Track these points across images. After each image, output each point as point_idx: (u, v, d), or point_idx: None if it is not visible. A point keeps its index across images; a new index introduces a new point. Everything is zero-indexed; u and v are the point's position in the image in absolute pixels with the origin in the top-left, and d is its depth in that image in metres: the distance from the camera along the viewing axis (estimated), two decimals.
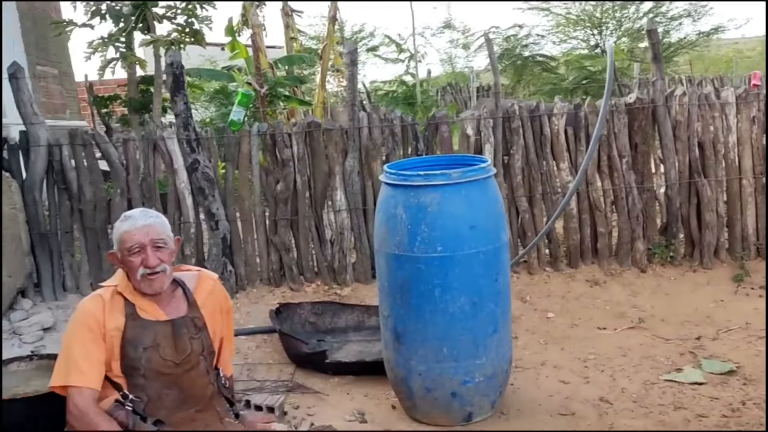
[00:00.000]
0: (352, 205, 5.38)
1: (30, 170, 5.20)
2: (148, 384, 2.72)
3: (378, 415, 3.82)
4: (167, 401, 2.77)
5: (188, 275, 2.94)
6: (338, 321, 4.86)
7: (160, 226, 2.73)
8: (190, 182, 5.27)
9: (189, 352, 2.77)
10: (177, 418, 2.76)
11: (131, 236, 2.67)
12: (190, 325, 2.80)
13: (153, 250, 2.67)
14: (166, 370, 2.74)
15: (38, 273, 5.29)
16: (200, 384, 2.83)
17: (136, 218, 2.71)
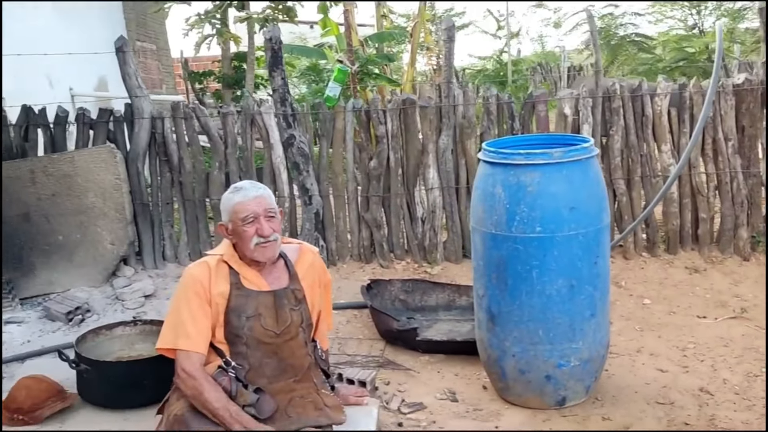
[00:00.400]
0: (445, 183, 5.35)
1: (134, 142, 5.38)
2: (249, 352, 2.80)
3: (469, 394, 3.80)
4: (267, 370, 2.83)
5: (290, 248, 2.99)
6: (428, 299, 4.85)
7: (270, 197, 2.81)
8: (286, 157, 5.35)
9: (289, 323, 2.84)
10: (276, 387, 2.82)
11: (245, 206, 2.73)
12: (291, 297, 2.86)
13: (266, 220, 2.75)
14: (267, 339, 2.81)
15: (139, 242, 5.48)
16: (299, 355, 2.88)
17: (247, 189, 2.78)
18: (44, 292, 5.14)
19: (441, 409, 3.65)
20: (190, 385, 2.65)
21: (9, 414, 3.27)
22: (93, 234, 5.19)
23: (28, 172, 5.09)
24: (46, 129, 5.42)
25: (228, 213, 2.79)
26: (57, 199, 5.13)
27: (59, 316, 4.75)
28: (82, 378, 3.38)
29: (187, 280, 2.78)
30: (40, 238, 5.13)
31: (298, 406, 2.82)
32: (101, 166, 5.17)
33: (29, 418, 3.24)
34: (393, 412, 3.61)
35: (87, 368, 3.32)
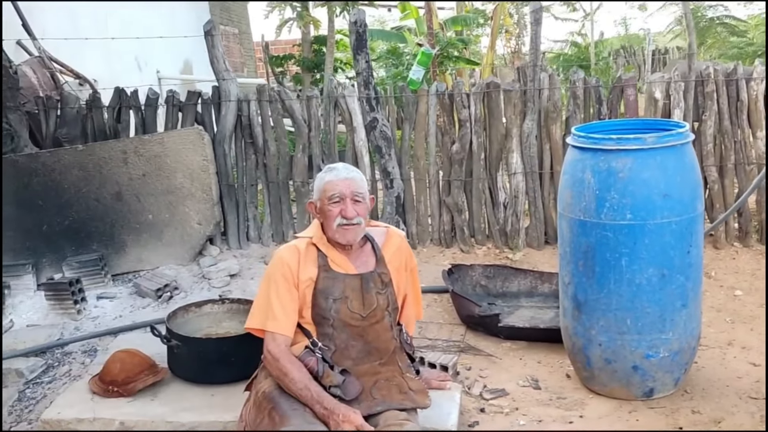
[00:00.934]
0: (528, 168, 5.28)
1: (221, 124, 5.49)
2: (336, 334, 2.83)
3: (552, 382, 3.76)
4: (353, 352, 2.86)
5: (377, 231, 3.00)
6: (510, 285, 4.81)
7: (361, 181, 2.84)
8: (368, 140, 5.37)
9: (375, 306, 2.85)
10: (361, 369, 2.84)
11: (334, 186, 2.78)
12: (377, 280, 2.88)
13: (352, 202, 2.77)
14: (353, 322, 2.83)
15: (225, 222, 5.60)
16: (384, 338, 2.90)
17: (339, 170, 2.83)
18: (134, 269, 5.31)
19: (523, 396, 3.62)
20: (275, 367, 2.72)
21: (104, 386, 3.40)
22: (181, 214, 5.33)
23: (121, 152, 5.26)
24: (137, 110, 5.58)
25: (318, 191, 2.84)
26: (147, 179, 5.28)
27: (149, 293, 4.90)
28: (173, 353, 3.49)
29: (276, 263, 2.84)
30: (131, 217, 5.30)
31: (383, 389, 2.84)
32: (189, 148, 5.30)
33: (123, 390, 3.36)
34: (475, 398, 3.60)
35: (178, 344, 3.43)
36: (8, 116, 5.27)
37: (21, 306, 4.83)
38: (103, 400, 3.35)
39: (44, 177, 5.23)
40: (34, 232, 5.24)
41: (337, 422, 2.57)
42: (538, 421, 3.35)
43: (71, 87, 6.16)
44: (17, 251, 5.22)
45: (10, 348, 4.23)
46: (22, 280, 5.00)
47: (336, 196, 2.77)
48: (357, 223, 2.79)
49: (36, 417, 3.57)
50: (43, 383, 3.96)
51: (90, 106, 5.57)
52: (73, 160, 5.24)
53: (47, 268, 5.22)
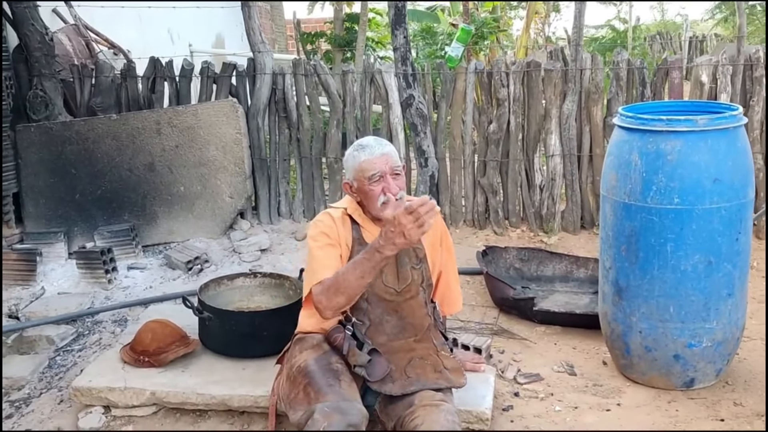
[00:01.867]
0: (567, 150, 5.16)
1: (255, 97, 5.43)
2: (370, 308, 2.77)
3: (587, 369, 3.68)
4: (387, 327, 2.81)
5: None
6: (545, 269, 4.72)
7: (395, 154, 2.75)
8: (404, 118, 5.29)
9: (410, 281, 2.80)
10: (395, 345, 2.79)
11: (372, 164, 2.68)
12: (412, 255, 2.81)
13: (392, 177, 2.70)
14: (388, 296, 2.78)
15: (256, 197, 5.56)
16: (419, 314, 2.84)
17: (372, 147, 2.71)
18: (165, 241, 5.30)
19: (558, 381, 3.54)
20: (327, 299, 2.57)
21: (135, 355, 3.38)
22: (213, 186, 5.29)
23: (154, 123, 5.22)
24: (171, 81, 5.53)
25: (353, 171, 2.74)
26: (180, 151, 5.25)
27: (179, 265, 4.88)
28: (204, 325, 3.46)
29: (317, 224, 2.80)
30: (163, 188, 5.28)
31: (417, 367, 2.78)
32: (223, 120, 5.25)
33: (154, 361, 3.34)
34: (509, 382, 3.53)
35: (210, 316, 3.39)
36: (43, 83, 5.25)
37: (52, 274, 4.83)
38: (134, 370, 3.33)
39: (78, 145, 5.21)
40: (66, 201, 5.23)
41: (401, 231, 2.37)
42: (574, 407, 3.27)
43: (105, 56, 6.13)
44: (50, 219, 5.22)
45: (42, 315, 4.23)
46: (54, 248, 5.01)
47: (376, 174, 2.68)
48: (401, 197, 2.72)
49: (66, 384, 3.57)
50: (74, 351, 3.96)
51: (125, 75, 5.54)
52: (106, 129, 5.21)
53: (79, 236, 5.22)
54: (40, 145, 5.18)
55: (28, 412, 3.37)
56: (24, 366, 3.75)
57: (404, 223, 2.35)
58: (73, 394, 3.24)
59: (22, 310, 4.30)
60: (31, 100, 5.24)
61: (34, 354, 3.93)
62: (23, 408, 3.41)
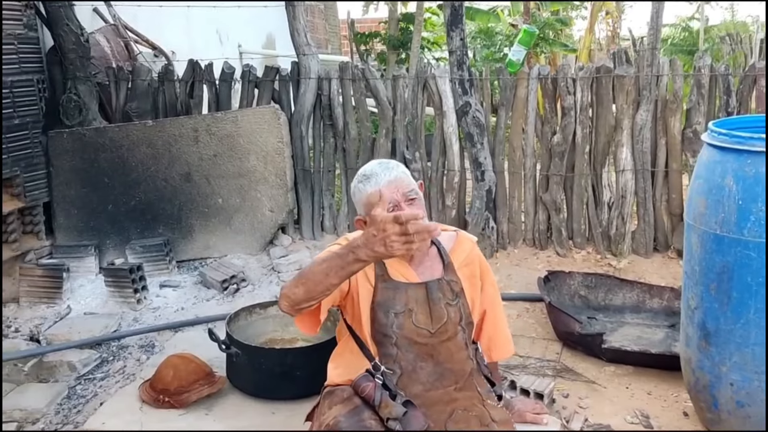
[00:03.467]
0: (639, 165, 4.67)
1: (299, 102, 5.06)
2: (400, 354, 2.38)
3: (666, 420, 3.20)
4: (422, 375, 2.41)
5: (444, 235, 2.57)
6: (614, 298, 4.24)
7: (406, 176, 2.35)
8: (459, 127, 4.87)
9: (445, 320, 2.40)
10: (433, 396, 2.40)
11: (381, 195, 2.28)
12: (446, 289, 2.42)
13: (407, 205, 2.28)
14: (420, 339, 2.38)
15: (299, 210, 5.20)
16: (458, 358, 2.43)
17: (378, 174, 2.31)
18: (200, 257, 4.97)
19: None
20: (289, 286, 2.14)
21: (154, 394, 3.05)
22: (252, 199, 4.95)
23: (192, 130, 4.90)
24: (211, 85, 5.20)
25: (362, 206, 2.35)
26: (218, 160, 4.91)
27: (214, 284, 4.54)
28: (232, 361, 3.11)
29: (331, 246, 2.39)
30: (200, 200, 4.95)
31: (460, 421, 2.37)
32: (264, 128, 4.89)
33: (174, 401, 3.01)
34: None
35: (237, 352, 3.04)
36: (78, 87, 4.98)
37: (80, 290, 4.54)
38: (153, 411, 3.00)
39: (111, 153, 4.92)
40: (98, 212, 4.95)
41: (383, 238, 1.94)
42: None
43: (146, 58, 5.85)
44: (81, 231, 4.95)
45: (65, 338, 3.94)
46: (84, 262, 4.72)
47: (389, 206, 2.26)
48: None
49: (83, 420, 3.26)
50: (96, 379, 3.65)
51: (162, 79, 5.23)
52: (142, 136, 4.91)
53: (111, 250, 4.93)
54: (73, 152, 4.91)
55: None
56: (41, 396, 3.46)
57: (388, 232, 1.91)
58: None
59: (44, 332, 4.01)
60: (65, 105, 4.97)
61: (54, 382, 3.64)
62: None
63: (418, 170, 4.95)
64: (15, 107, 4.48)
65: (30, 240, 4.73)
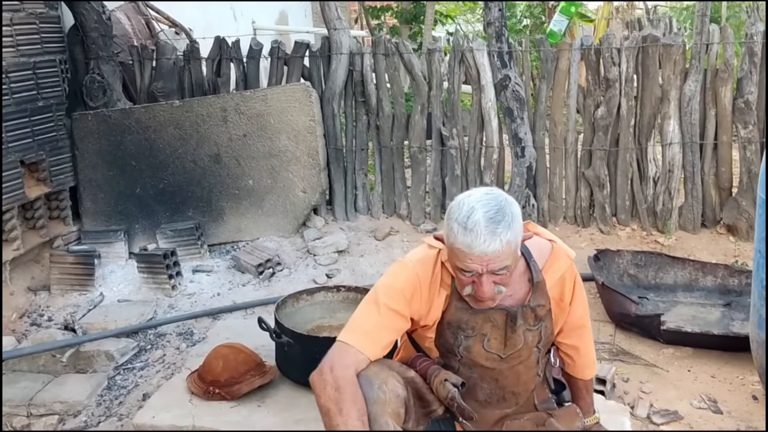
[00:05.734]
0: (687, 137, 4.50)
1: (330, 79, 4.88)
2: (462, 370, 2.19)
3: (734, 405, 3.08)
4: (480, 394, 2.23)
5: (538, 245, 2.20)
6: (665, 276, 4.11)
7: (506, 253, 1.95)
8: (498, 101, 4.69)
9: (521, 346, 2.17)
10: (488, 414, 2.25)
11: (465, 258, 1.96)
12: (530, 316, 2.15)
13: (489, 277, 1.99)
14: (488, 363, 2.18)
15: (331, 190, 5.03)
16: (525, 379, 2.24)
17: (475, 239, 1.92)
18: (232, 240, 4.82)
19: (702, 422, 2.96)
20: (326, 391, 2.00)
21: (204, 386, 2.92)
22: (284, 180, 4.78)
23: (220, 109, 4.73)
24: (238, 63, 5.02)
25: (446, 239, 2.02)
26: (248, 140, 4.75)
27: (249, 268, 4.40)
28: (283, 350, 2.97)
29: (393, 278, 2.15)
30: (230, 182, 4.79)
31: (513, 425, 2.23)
32: (295, 106, 4.72)
33: (226, 393, 2.87)
34: (642, 421, 2.97)
35: (290, 341, 2.89)
36: (101, 67, 4.81)
37: (111, 277, 4.41)
38: (203, 404, 2.87)
39: (138, 135, 4.76)
40: (126, 195, 4.80)
41: None
42: None
43: (167, 36, 5.67)
44: (109, 216, 4.80)
45: (101, 327, 3.82)
46: (113, 247, 4.59)
47: (467, 271, 1.99)
48: (497, 292, 2.03)
49: (127, 412, 3.15)
50: (135, 369, 3.54)
51: (188, 57, 5.05)
52: (168, 116, 4.75)
53: (140, 234, 4.79)
54: (99, 134, 4.75)
55: None
56: (81, 388, 3.35)
57: None
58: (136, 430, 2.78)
59: (78, 320, 3.88)
60: (88, 86, 4.80)
61: (92, 372, 3.53)
62: None
63: (455, 147, 4.78)
64: (39, 89, 4.31)
65: (57, 226, 4.58)
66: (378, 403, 2.01)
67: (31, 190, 4.29)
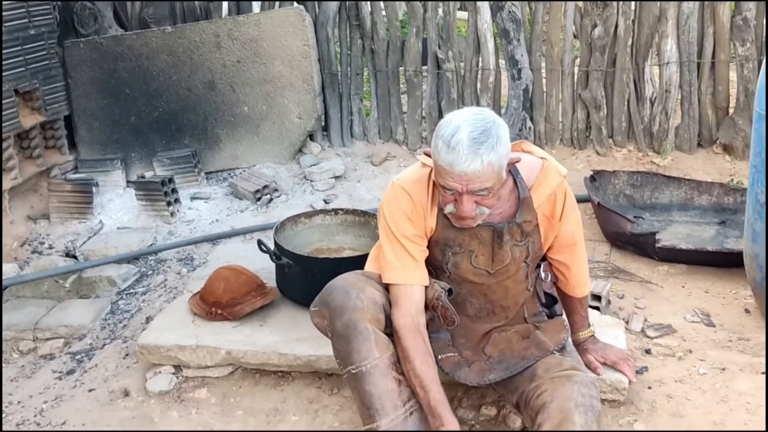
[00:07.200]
0: (685, 57, 4.46)
1: (323, 3, 4.80)
2: (452, 286, 2.26)
3: (727, 318, 3.15)
4: (470, 309, 2.32)
5: (528, 163, 2.21)
6: (660, 196, 4.14)
7: (487, 173, 1.97)
8: (494, 23, 4.63)
9: (508, 261, 2.22)
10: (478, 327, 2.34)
11: (446, 176, 2.00)
12: (516, 232, 2.20)
13: (469, 197, 2.02)
14: (476, 279, 2.25)
15: (327, 116, 5.01)
16: (514, 293, 2.31)
17: (456, 157, 1.95)
18: (229, 167, 4.83)
19: (695, 334, 3.04)
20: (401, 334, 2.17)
21: (206, 307, 2.97)
22: (279, 106, 4.76)
23: (213, 35, 4.67)
24: None
25: (432, 155, 2.06)
26: (242, 66, 4.71)
27: (246, 194, 4.43)
28: (283, 272, 3.02)
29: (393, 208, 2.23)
30: (225, 109, 4.77)
31: (499, 342, 2.30)
32: (288, 31, 4.66)
33: (228, 314, 2.93)
34: (636, 335, 3.04)
35: (290, 263, 2.93)
36: None
37: (110, 205, 4.43)
38: (206, 324, 2.92)
39: (131, 62, 4.71)
40: (121, 124, 4.78)
41: None
42: (721, 369, 2.76)
43: None
44: (105, 144, 4.79)
45: (101, 253, 3.87)
46: (111, 176, 4.59)
47: (448, 190, 2.04)
48: (478, 213, 2.08)
49: (131, 334, 3.22)
50: (137, 294, 3.60)
51: None
52: (161, 43, 4.69)
53: (137, 163, 4.79)
54: (91, 62, 4.70)
55: (91, 367, 3.03)
56: (85, 312, 3.41)
57: None
58: (140, 352, 2.85)
59: (79, 247, 3.93)
60: (79, 13, 4.72)
61: (95, 298, 3.59)
62: (86, 362, 3.08)
63: (451, 70, 4.74)
64: (30, 17, 4.24)
65: (54, 155, 4.58)
66: (357, 311, 2.12)
67: (26, 119, 4.27)
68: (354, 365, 2.10)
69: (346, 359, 2.13)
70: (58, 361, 3.12)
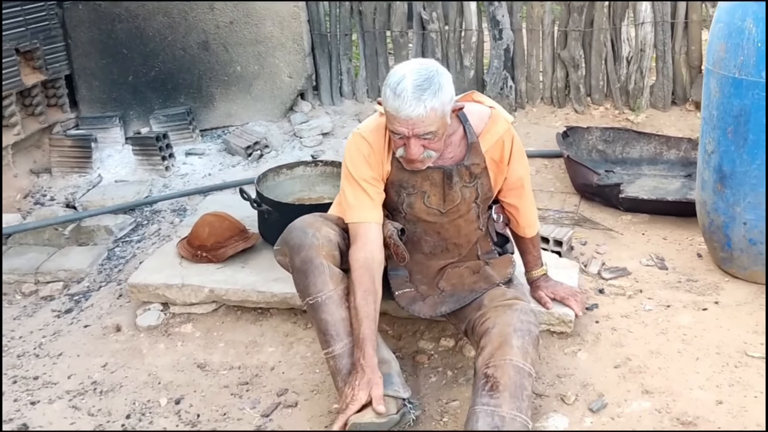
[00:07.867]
0: (659, 17, 4.61)
1: None
2: (407, 227, 2.48)
3: (680, 262, 3.35)
4: (425, 247, 2.53)
5: (477, 111, 2.43)
6: (631, 151, 4.32)
7: (430, 118, 2.16)
8: None
9: (458, 201, 2.44)
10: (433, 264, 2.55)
11: (394, 121, 2.20)
12: (465, 174, 2.41)
13: (416, 140, 2.22)
14: (430, 218, 2.46)
15: (317, 76, 5.20)
16: (466, 232, 2.52)
17: (404, 100, 2.13)
18: (223, 125, 5.05)
19: (648, 276, 3.24)
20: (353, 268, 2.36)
21: (192, 250, 3.20)
22: (271, 66, 4.96)
23: None
24: None
25: (382, 106, 2.26)
26: (235, 27, 4.89)
27: (238, 150, 4.65)
28: (264, 219, 3.24)
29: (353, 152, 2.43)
30: (219, 68, 4.97)
31: (452, 277, 2.51)
32: None
33: (212, 256, 3.16)
34: (592, 277, 3.24)
35: (269, 209, 3.16)
36: None
37: (109, 160, 4.67)
38: (192, 266, 3.15)
39: (128, 23, 4.91)
40: (120, 83, 5.00)
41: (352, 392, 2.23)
42: (666, 306, 2.97)
43: None
44: (104, 102, 5.01)
45: (100, 204, 4.10)
46: (110, 133, 4.82)
47: (396, 134, 2.24)
48: (426, 157, 2.28)
49: (125, 277, 3.45)
50: (133, 242, 3.82)
51: None
52: (156, 5, 4.88)
53: (135, 120, 5.01)
54: (90, 23, 4.90)
55: (87, 306, 3.27)
56: (83, 258, 3.64)
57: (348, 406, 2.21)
58: (130, 291, 3.09)
59: (78, 199, 4.17)
60: None
61: (93, 245, 3.81)
62: (83, 302, 3.32)
63: (436, 31, 4.92)
64: None
65: (55, 113, 4.81)
66: (312, 248, 2.33)
67: (27, 78, 4.49)
68: (311, 296, 2.33)
69: (304, 292, 2.36)
70: (57, 301, 3.35)
